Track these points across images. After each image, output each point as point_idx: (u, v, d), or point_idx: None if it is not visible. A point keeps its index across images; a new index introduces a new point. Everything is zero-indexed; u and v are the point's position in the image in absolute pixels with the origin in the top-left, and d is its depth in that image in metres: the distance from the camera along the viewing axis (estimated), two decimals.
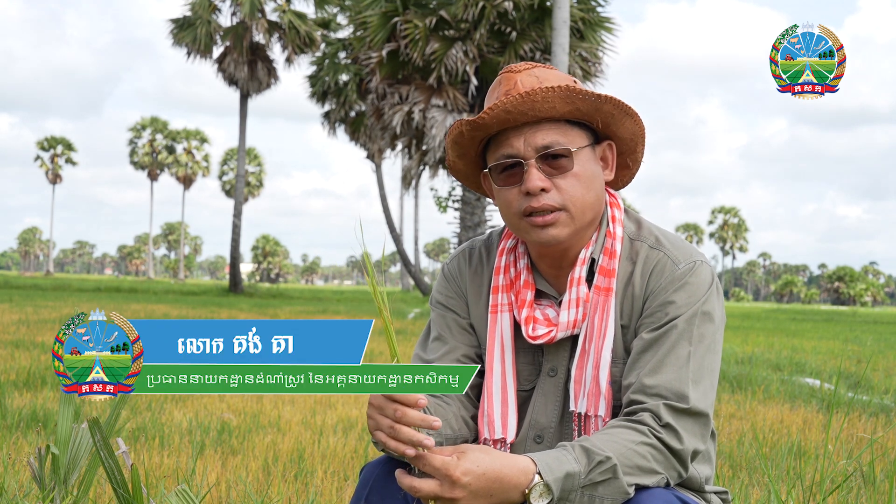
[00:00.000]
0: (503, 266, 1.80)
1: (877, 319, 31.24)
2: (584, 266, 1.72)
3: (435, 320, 1.86)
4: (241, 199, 31.57)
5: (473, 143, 1.75)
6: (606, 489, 1.50)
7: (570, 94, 1.65)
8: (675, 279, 1.67)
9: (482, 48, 17.00)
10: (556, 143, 1.67)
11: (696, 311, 1.64)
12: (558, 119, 1.68)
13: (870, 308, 72.59)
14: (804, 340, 14.77)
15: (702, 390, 1.61)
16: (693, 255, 1.71)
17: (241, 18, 29.36)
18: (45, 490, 2.47)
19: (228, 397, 5.84)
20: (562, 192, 1.67)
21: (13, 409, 4.85)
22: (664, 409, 1.57)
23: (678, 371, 1.60)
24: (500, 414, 1.74)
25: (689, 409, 1.58)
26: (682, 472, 1.60)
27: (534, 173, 1.66)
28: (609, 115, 1.70)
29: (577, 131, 1.70)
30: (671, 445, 1.56)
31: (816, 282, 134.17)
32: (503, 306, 1.77)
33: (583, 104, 1.67)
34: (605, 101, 1.67)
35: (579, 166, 1.68)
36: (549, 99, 1.64)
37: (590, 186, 1.69)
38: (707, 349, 1.64)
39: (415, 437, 1.44)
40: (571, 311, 1.70)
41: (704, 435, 1.62)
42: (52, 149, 72.27)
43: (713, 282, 1.69)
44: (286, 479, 3.63)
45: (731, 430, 5.11)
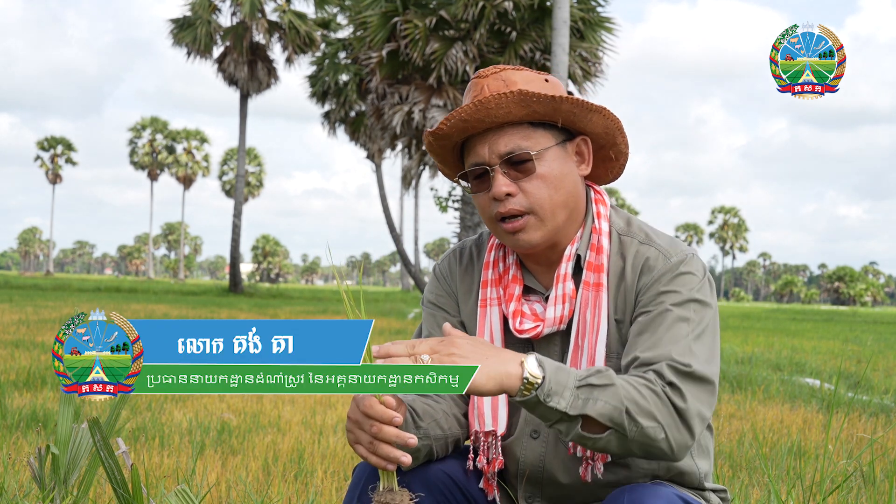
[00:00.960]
0: (492, 261, 1.81)
1: (877, 319, 31.24)
2: (570, 262, 1.73)
3: (426, 320, 1.88)
4: (241, 199, 31.57)
5: (446, 151, 1.77)
6: (603, 393, 1.48)
7: (523, 98, 1.65)
8: (668, 270, 1.67)
9: (482, 48, 17.00)
10: (517, 148, 1.68)
11: (691, 298, 1.65)
12: (521, 122, 1.69)
13: (870, 308, 72.61)
14: (804, 340, 14.77)
15: (703, 359, 1.59)
16: (684, 249, 1.72)
17: (241, 18, 29.36)
18: (45, 490, 2.47)
19: (228, 397, 5.84)
20: (528, 196, 1.68)
21: (13, 409, 4.85)
22: (667, 368, 1.55)
23: (677, 344, 1.59)
24: (490, 406, 1.75)
25: (692, 372, 1.55)
26: (686, 435, 1.53)
27: (499, 179, 1.68)
28: (569, 114, 1.70)
29: (542, 132, 1.70)
30: (674, 401, 1.52)
31: (816, 282, 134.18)
32: (492, 300, 1.78)
33: (538, 106, 1.67)
34: (563, 101, 1.67)
35: (545, 167, 1.69)
36: (504, 105, 1.65)
37: (558, 186, 1.70)
38: (705, 330, 1.63)
39: (392, 454, 1.47)
40: (558, 307, 1.71)
41: (710, 402, 1.58)
42: (52, 149, 72.24)
43: (706, 273, 1.70)
44: (286, 479, 3.63)
45: (731, 430, 5.11)
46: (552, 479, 1.75)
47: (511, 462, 1.79)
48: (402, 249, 23.81)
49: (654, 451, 1.53)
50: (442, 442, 1.72)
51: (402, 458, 1.47)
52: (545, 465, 1.74)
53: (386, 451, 1.47)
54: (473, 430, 1.76)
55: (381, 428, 1.46)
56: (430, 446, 1.69)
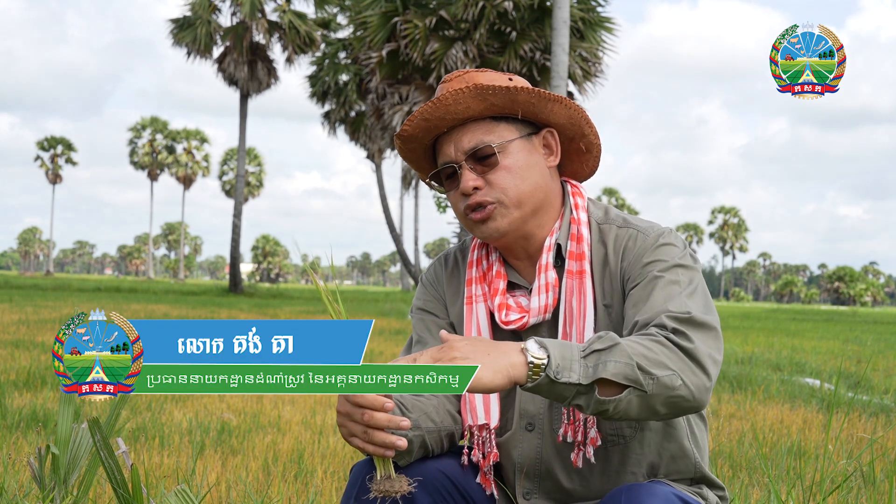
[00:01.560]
0: (475, 259, 1.84)
1: (877, 319, 31.24)
2: (551, 253, 1.76)
3: (416, 325, 1.90)
4: (241, 199, 31.56)
5: (418, 156, 1.81)
6: (610, 355, 1.46)
7: (479, 91, 1.68)
8: (649, 245, 1.70)
9: (482, 48, 17.00)
10: (480, 143, 1.72)
11: (676, 264, 1.66)
12: (482, 117, 1.73)
13: (870, 308, 72.60)
14: (804, 340, 14.77)
15: (701, 309, 1.58)
16: (661, 226, 1.75)
17: (241, 18, 29.35)
18: (45, 490, 2.47)
19: (228, 397, 5.84)
20: (493, 187, 1.72)
21: (13, 409, 4.85)
22: (667, 318, 1.54)
23: (672, 300, 1.59)
24: (481, 400, 1.76)
25: (692, 318, 1.54)
26: (703, 376, 1.50)
27: (466, 175, 1.72)
28: (528, 104, 1.72)
29: (505, 125, 1.74)
30: (681, 344, 1.50)
31: (816, 282, 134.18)
32: (478, 297, 1.81)
33: (495, 99, 1.70)
34: (519, 91, 1.70)
35: (509, 159, 1.72)
36: (461, 100, 1.69)
37: (524, 176, 1.73)
38: (696, 288, 1.64)
39: (388, 439, 1.48)
40: (542, 296, 1.73)
41: (718, 346, 1.55)
42: (52, 149, 72.22)
43: (686, 246, 1.72)
44: (286, 479, 3.63)
45: (731, 430, 5.11)
46: (550, 473, 1.76)
47: (508, 458, 1.79)
48: (402, 249, 23.81)
49: (677, 401, 1.49)
50: (435, 435, 1.72)
51: (397, 442, 1.48)
52: (542, 458, 1.76)
53: (381, 437, 1.48)
54: (467, 425, 1.77)
55: (373, 415, 1.47)
56: (423, 437, 1.69)
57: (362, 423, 1.49)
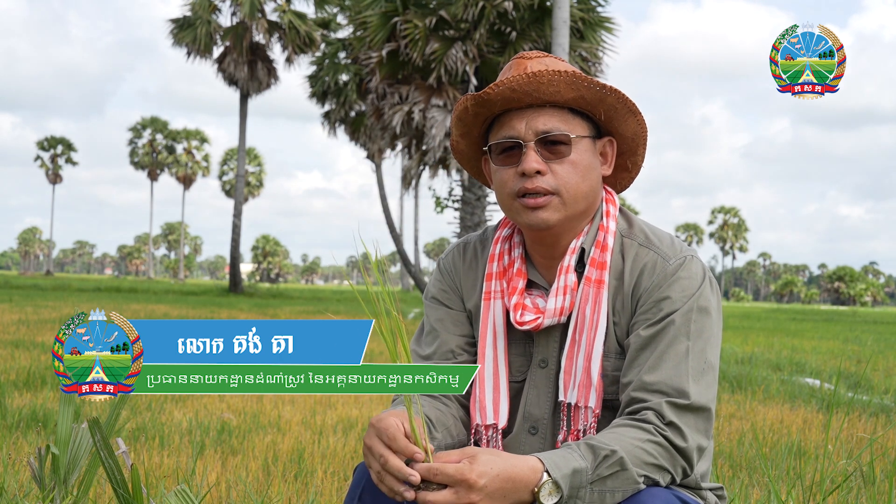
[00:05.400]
0: (497, 254, 1.82)
1: (877, 319, 31.24)
2: (574, 255, 1.74)
3: (429, 314, 1.88)
4: (241, 199, 31.56)
5: (477, 122, 1.77)
6: (616, 482, 1.51)
7: (575, 80, 1.67)
8: (668, 275, 1.68)
9: (482, 48, 17.00)
10: (556, 129, 1.69)
11: (693, 307, 1.65)
12: (562, 106, 1.70)
13: (870, 308, 72.58)
14: (804, 340, 14.77)
15: (703, 385, 1.62)
16: (683, 250, 1.72)
17: (241, 18, 29.35)
18: (45, 490, 2.47)
19: (228, 397, 5.84)
20: (557, 177, 1.69)
21: (13, 409, 4.85)
22: (667, 406, 1.58)
23: (677, 367, 1.61)
24: (491, 400, 1.76)
25: (691, 405, 1.59)
26: (687, 470, 1.61)
27: (531, 155, 1.68)
28: (612, 108, 1.71)
29: (580, 121, 1.72)
30: (676, 444, 1.57)
31: (816, 282, 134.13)
32: (496, 293, 1.79)
33: (587, 92, 1.68)
34: (610, 92, 1.69)
35: (577, 155, 1.70)
36: (555, 82, 1.66)
37: (585, 176, 1.71)
38: (706, 343, 1.65)
39: (396, 488, 1.46)
40: (559, 298, 1.72)
41: (708, 430, 1.63)
42: (53, 149, 72.21)
43: (706, 275, 1.70)
44: (286, 479, 3.63)
45: (731, 430, 5.11)
46: None
47: None
48: (403, 249, 23.79)
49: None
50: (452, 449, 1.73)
51: (405, 494, 1.46)
52: None
53: (390, 483, 1.47)
54: (475, 424, 1.77)
55: (388, 460, 1.46)
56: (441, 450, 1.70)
57: (379, 464, 1.48)
